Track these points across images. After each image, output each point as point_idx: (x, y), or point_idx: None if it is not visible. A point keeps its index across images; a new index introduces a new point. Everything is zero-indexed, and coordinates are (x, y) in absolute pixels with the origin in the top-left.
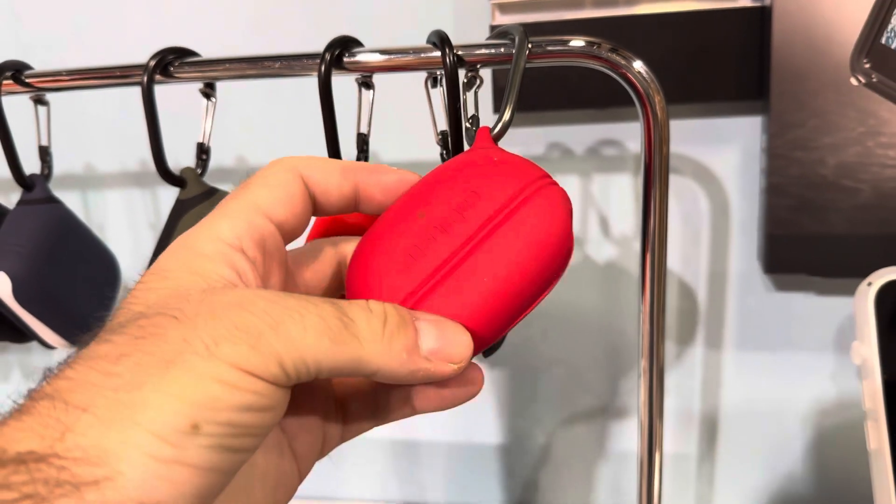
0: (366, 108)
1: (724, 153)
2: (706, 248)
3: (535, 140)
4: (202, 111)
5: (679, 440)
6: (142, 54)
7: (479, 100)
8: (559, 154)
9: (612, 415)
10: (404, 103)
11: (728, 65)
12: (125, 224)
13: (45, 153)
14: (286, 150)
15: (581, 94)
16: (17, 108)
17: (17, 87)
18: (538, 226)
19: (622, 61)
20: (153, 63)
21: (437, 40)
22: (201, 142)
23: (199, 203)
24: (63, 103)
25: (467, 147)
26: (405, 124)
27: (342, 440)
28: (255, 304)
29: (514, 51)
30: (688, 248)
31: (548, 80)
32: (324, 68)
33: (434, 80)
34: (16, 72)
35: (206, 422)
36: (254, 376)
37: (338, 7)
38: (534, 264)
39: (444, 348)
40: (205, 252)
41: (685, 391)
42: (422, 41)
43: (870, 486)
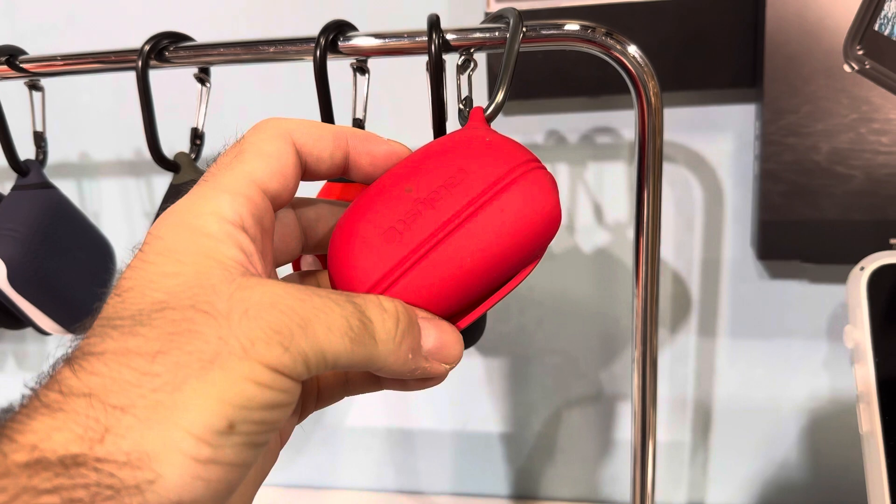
0: (361, 93)
1: (718, 141)
2: (699, 236)
3: (529, 127)
4: (196, 97)
5: (673, 428)
6: (136, 43)
7: (475, 85)
8: (553, 142)
9: (606, 403)
10: (400, 88)
11: (722, 52)
12: (120, 212)
13: (39, 138)
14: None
15: (575, 82)
16: (12, 93)
17: (12, 73)
18: (523, 209)
19: (617, 45)
20: (148, 47)
21: (427, 23)
22: (195, 127)
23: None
24: (57, 91)
25: (460, 127)
26: (401, 109)
27: (315, 409)
28: (286, 303)
29: (509, 33)
30: (681, 236)
31: (542, 66)
32: (319, 52)
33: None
34: (10, 57)
35: (241, 421)
36: (283, 375)
37: None
38: (515, 248)
39: (441, 350)
40: (211, 232)
41: (679, 379)
42: (417, 26)
43: (863, 471)
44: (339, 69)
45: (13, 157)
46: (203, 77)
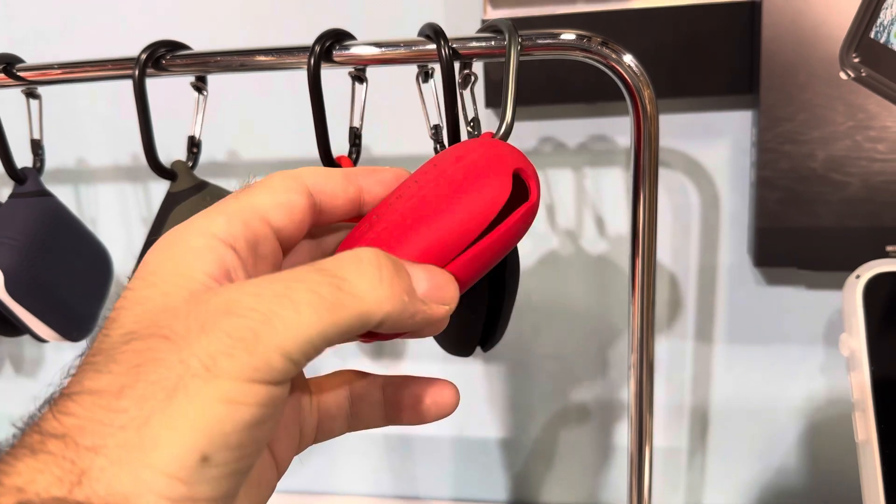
0: (358, 102)
1: (715, 147)
2: (696, 242)
3: (525, 134)
4: (193, 105)
5: (670, 434)
6: (133, 49)
7: (473, 95)
8: (550, 148)
9: (603, 409)
10: (395, 97)
11: (718, 59)
12: (117, 218)
13: (37, 146)
14: (278, 144)
15: (571, 88)
16: (9, 101)
17: (9, 81)
18: (477, 163)
19: (612, 55)
20: (144, 56)
21: (432, 33)
22: (192, 135)
23: (189, 196)
24: (54, 98)
25: None
26: (396, 118)
27: (314, 441)
28: (241, 304)
29: (506, 52)
30: (678, 242)
31: (537, 74)
32: (313, 61)
33: (426, 75)
34: (7, 65)
35: (215, 450)
36: (259, 383)
37: (327, 2)
38: (462, 178)
39: (436, 289)
40: (193, 246)
41: (676, 385)
42: (411, 35)
43: (859, 477)
44: (337, 77)
45: (10, 165)
46: (200, 85)
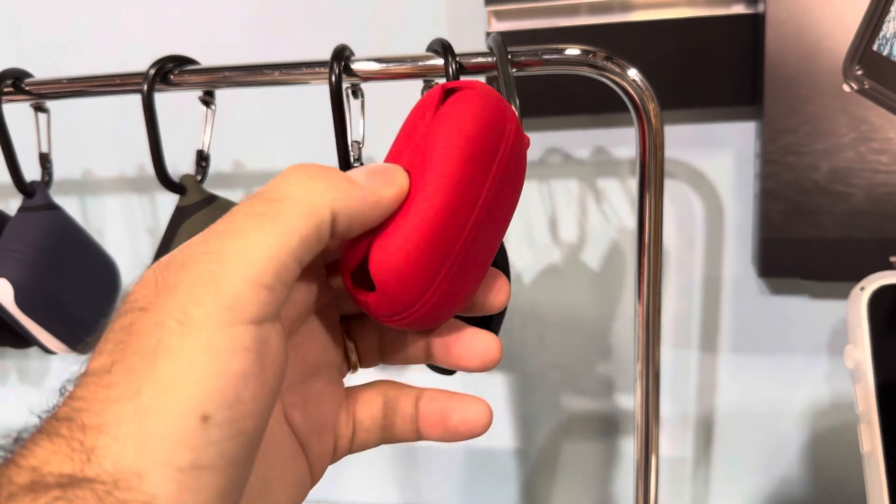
0: (357, 116)
1: (719, 158)
2: (701, 252)
3: (532, 145)
4: (201, 118)
5: (675, 443)
6: (139, 60)
7: None
8: (556, 158)
9: (609, 418)
10: (400, 108)
11: (722, 71)
12: (123, 229)
13: (45, 160)
14: (283, 155)
15: (576, 100)
16: (17, 114)
17: (18, 95)
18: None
19: (617, 69)
20: (153, 71)
21: (440, 48)
22: (201, 149)
23: (199, 210)
24: (60, 108)
25: None
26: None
27: (349, 451)
28: (193, 253)
29: (497, 63)
30: (683, 252)
31: (542, 85)
32: (335, 78)
33: None
34: (16, 80)
35: (213, 408)
36: (237, 325)
37: (332, 13)
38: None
39: (377, 173)
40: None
41: (681, 394)
42: (415, 47)
43: (864, 486)
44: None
45: (19, 179)
46: (208, 99)
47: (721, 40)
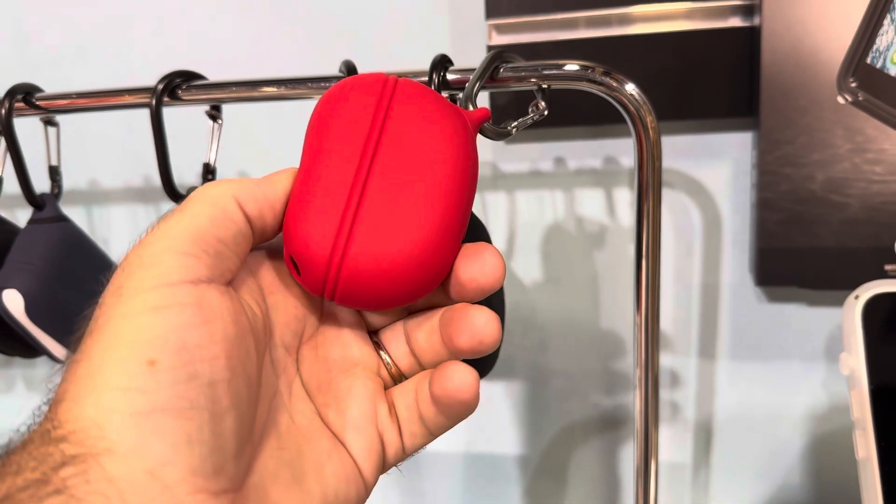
0: None
1: (716, 168)
2: (699, 261)
3: (532, 155)
4: (208, 132)
5: (675, 449)
6: (146, 72)
7: None
8: (556, 168)
9: (610, 425)
10: None
11: (719, 83)
12: (129, 239)
13: (54, 173)
14: (288, 165)
15: (575, 112)
16: (27, 127)
17: (28, 110)
18: (420, 127)
19: (615, 84)
20: (161, 86)
21: (431, 64)
22: (207, 162)
23: None
24: (68, 120)
25: None
26: None
27: (403, 448)
28: (129, 253)
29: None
30: (681, 261)
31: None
32: None
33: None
34: (26, 94)
35: (158, 353)
36: (170, 286)
37: (337, 27)
38: (443, 163)
39: (268, 178)
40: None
41: (680, 400)
42: (419, 61)
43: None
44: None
45: (30, 191)
46: (214, 114)
47: (718, 53)
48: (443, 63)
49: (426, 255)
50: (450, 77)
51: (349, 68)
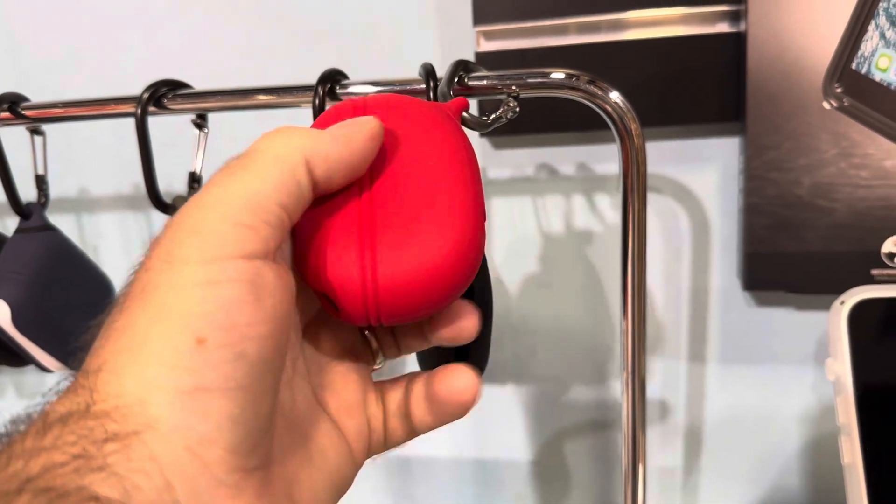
0: None
1: (704, 173)
2: (687, 265)
3: (520, 161)
4: (194, 141)
5: (665, 453)
6: (137, 79)
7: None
8: (544, 174)
9: (601, 428)
10: None
11: (707, 88)
12: (119, 246)
13: (41, 182)
14: None
15: (563, 118)
16: (13, 136)
17: (14, 119)
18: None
19: (599, 92)
20: (146, 95)
21: (424, 73)
22: (193, 171)
23: None
24: (56, 128)
25: None
26: None
27: (385, 439)
28: (181, 211)
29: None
30: (670, 265)
31: (529, 103)
32: (318, 101)
33: None
34: (12, 104)
35: (207, 330)
36: (222, 260)
37: (325, 36)
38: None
39: (347, 124)
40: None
41: (670, 405)
42: (408, 68)
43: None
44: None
45: (16, 201)
46: (200, 123)
47: (706, 59)
48: (433, 73)
49: (453, 248)
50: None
51: (428, 72)
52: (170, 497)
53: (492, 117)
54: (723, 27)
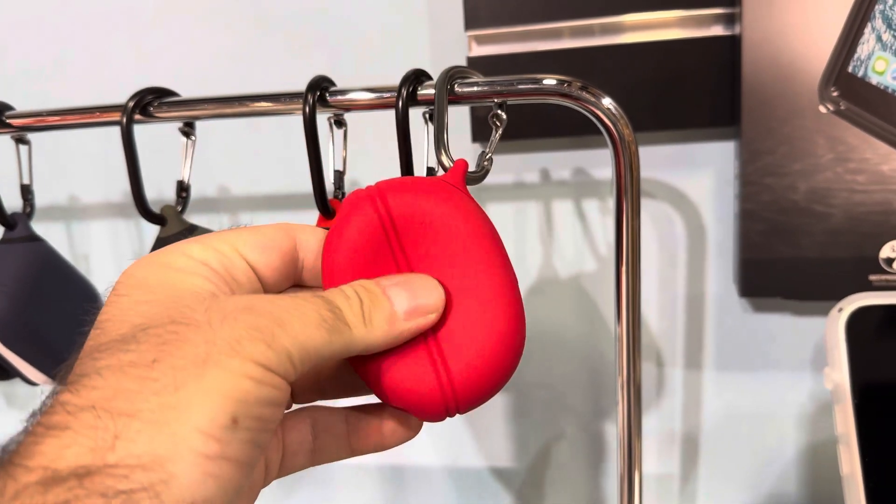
0: (339, 146)
1: (699, 178)
2: (683, 271)
3: (513, 166)
4: (181, 149)
5: (661, 461)
6: (124, 85)
7: (458, 131)
8: (538, 179)
9: (596, 436)
10: (386, 131)
11: (701, 92)
12: (109, 254)
13: (26, 192)
14: (268, 179)
15: (556, 123)
16: None
17: None
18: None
19: (592, 98)
20: (132, 104)
21: (405, 80)
22: (181, 180)
23: (179, 240)
24: (45, 135)
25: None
26: (387, 151)
27: (277, 476)
28: (261, 307)
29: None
30: (665, 271)
31: (523, 108)
32: (308, 109)
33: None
34: None
35: (243, 416)
36: (272, 372)
37: (315, 42)
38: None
39: (417, 304)
40: (179, 266)
41: (666, 412)
42: (399, 74)
43: None
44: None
45: (0, 210)
46: (188, 130)
47: (700, 62)
48: (408, 79)
49: (508, 330)
50: (427, 92)
51: (311, 86)
52: None
53: (487, 155)
54: (717, 30)
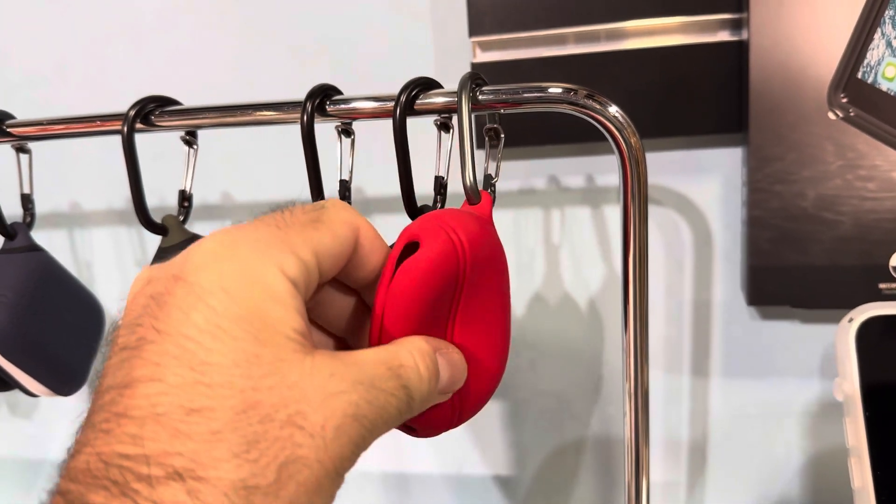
0: (347, 155)
1: (706, 184)
2: (690, 278)
3: (519, 173)
4: (183, 158)
5: (668, 468)
6: (126, 92)
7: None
8: (544, 186)
9: (602, 445)
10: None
11: (708, 98)
12: (112, 262)
13: (27, 201)
14: (271, 185)
15: (561, 130)
16: None
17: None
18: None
19: (597, 107)
20: (133, 112)
21: (402, 89)
22: (183, 189)
23: (181, 251)
24: (47, 143)
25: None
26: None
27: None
28: (363, 412)
29: (458, 113)
30: (672, 279)
31: (529, 116)
32: (306, 118)
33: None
34: None
35: None
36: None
37: (318, 50)
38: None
39: (453, 384)
40: (275, 290)
41: (673, 419)
42: (403, 80)
43: None
44: (327, 127)
45: (1, 220)
46: (190, 139)
47: (707, 68)
48: (406, 87)
49: (503, 358)
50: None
51: (310, 94)
52: None
53: (493, 179)
54: (724, 36)
